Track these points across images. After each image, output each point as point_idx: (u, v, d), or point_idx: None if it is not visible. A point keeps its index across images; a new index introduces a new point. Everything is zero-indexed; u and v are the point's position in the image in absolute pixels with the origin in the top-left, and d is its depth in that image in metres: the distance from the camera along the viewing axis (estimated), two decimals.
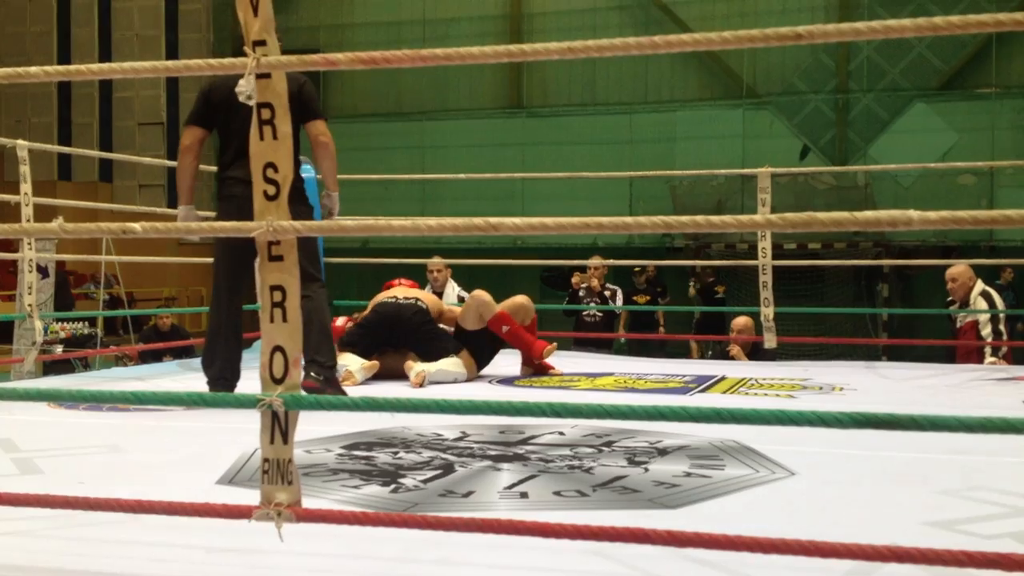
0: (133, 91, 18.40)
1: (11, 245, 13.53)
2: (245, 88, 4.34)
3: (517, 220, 1.88)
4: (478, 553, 2.16)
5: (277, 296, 1.93)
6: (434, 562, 2.16)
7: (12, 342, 10.28)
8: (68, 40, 18.44)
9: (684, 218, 1.75)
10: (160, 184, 18.11)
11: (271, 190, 1.96)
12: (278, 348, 1.92)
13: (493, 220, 1.87)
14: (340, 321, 5.88)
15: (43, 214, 5.60)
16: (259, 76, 1.96)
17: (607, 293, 9.15)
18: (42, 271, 12.56)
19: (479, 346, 5.42)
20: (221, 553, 2.19)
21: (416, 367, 5.12)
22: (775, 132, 15.18)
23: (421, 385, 5.04)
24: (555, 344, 5.50)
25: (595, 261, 9.10)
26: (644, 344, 10.85)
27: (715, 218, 1.75)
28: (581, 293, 9.18)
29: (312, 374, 4.13)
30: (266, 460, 1.91)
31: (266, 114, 1.97)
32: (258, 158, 1.97)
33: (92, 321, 11.94)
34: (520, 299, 5.61)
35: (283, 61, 1.95)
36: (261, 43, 1.95)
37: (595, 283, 8.99)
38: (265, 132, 1.97)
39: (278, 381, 1.91)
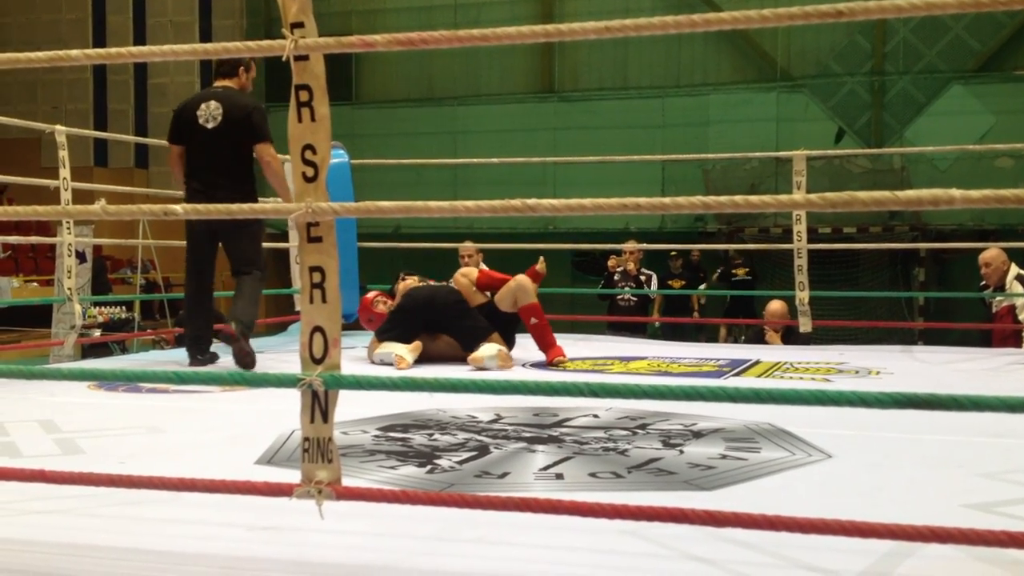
0: (168, 77, 18.52)
1: (49, 230, 13.72)
2: (204, 112, 4.94)
3: (555, 202, 1.88)
4: (514, 533, 2.17)
5: (316, 277, 1.94)
6: (471, 541, 2.17)
7: (51, 326, 10.43)
8: (103, 27, 18.58)
9: (722, 198, 1.74)
10: None
11: (309, 172, 1.97)
12: (318, 328, 1.94)
13: (531, 202, 1.87)
14: (371, 295, 5.95)
15: (80, 199, 5.66)
16: (297, 58, 1.97)
17: (642, 277, 9.12)
18: (79, 256, 12.71)
19: (509, 329, 5.46)
20: (262, 531, 2.22)
21: (486, 352, 5.08)
22: (810, 115, 15.06)
23: (509, 365, 5.06)
24: (568, 359, 5.42)
25: (630, 245, 9.08)
26: (679, 329, 10.83)
27: (753, 198, 1.74)
28: (616, 277, 9.16)
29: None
30: (306, 439, 1.92)
31: (304, 96, 1.98)
32: (296, 140, 1.98)
33: (129, 305, 12.08)
34: (518, 280, 5.49)
35: (321, 43, 1.96)
36: (299, 25, 1.95)
37: (631, 267, 8.97)
38: (303, 114, 1.98)
39: (318, 361, 1.93)
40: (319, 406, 1.91)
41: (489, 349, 5.11)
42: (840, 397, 1.65)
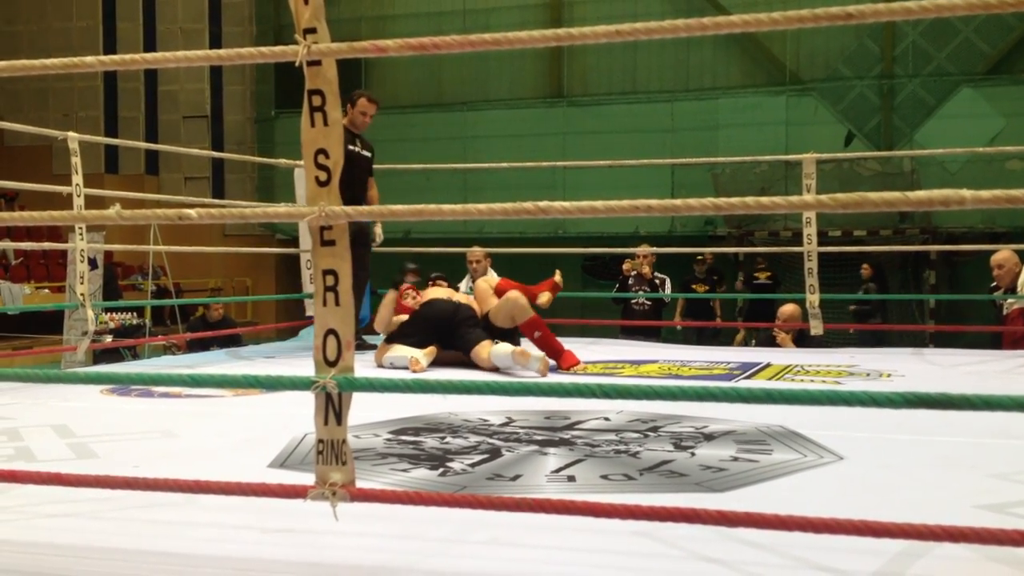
0: (178, 84, 18.59)
1: (61, 236, 13.77)
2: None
3: (567, 204, 1.89)
4: (527, 534, 2.18)
5: (330, 280, 1.96)
6: (484, 543, 2.18)
7: (62, 332, 10.46)
8: (113, 34, 18.67)
9: (734, 200, 1.75)
10: (205, 176, 18.30)
11: (323, 176, 1.98)
12: (331, 331, 1.95)
13: (543, 204, 1.88)
14: (403, 287, 5.95)
15: (90, 206, 5.69)
16: (310, 63, 1.98)
17: (656, 281, 9.08)
18: (91, 263, 12.74)
19: (509, 340, 5.45)
20: (275, 534, 2.23)
21: (536, 353, 5.09)
22: (819, 119, 15.02)
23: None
24: (585, 366, 5.41)
25: (644, 249, 9.04)
26: (699, 333, 10.87)
27: (765, 199, 1.75)
28: (630, 281, 9.11)
29: None
30: (320, 441, 1.93)
31: (317, 101, 1.99)
32: (309, 144, 2.00)
33: (140, 311, 12.12)
34: (509, 297, 5.50)
35: (333, 48, 1.97)
36: (312, 30, 1.97)
37: (646, 270, 8.92)
38: (316, 119, 1.99)
39: (331, 364, 1.94)
40: (333, 408, 1.93)
41: (536, 350, 5.15)
42: (852, 397, 1.66)
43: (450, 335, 5.42)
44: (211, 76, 18.43)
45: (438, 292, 5.78)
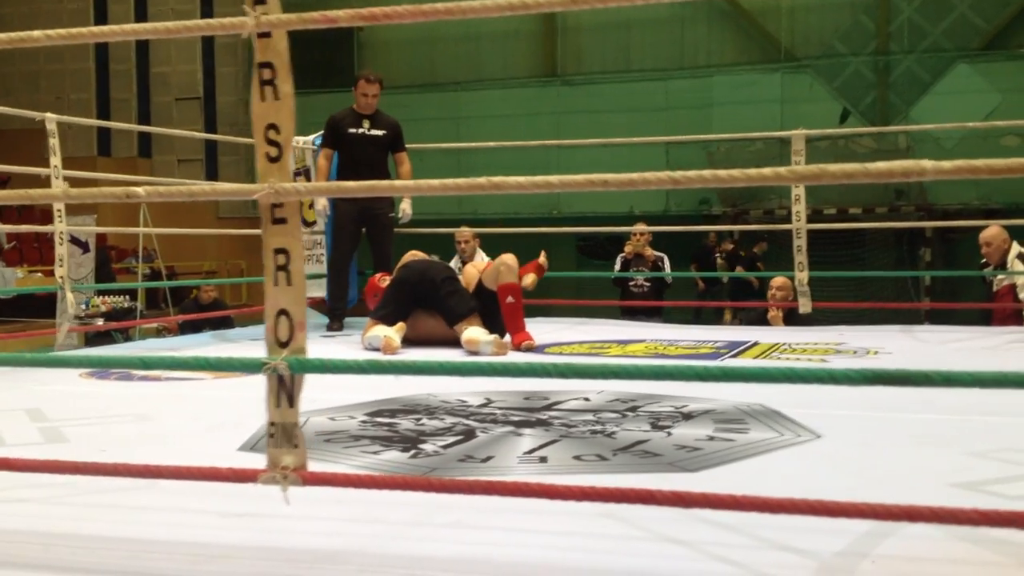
0: (170, 66, 18.49)
1: (51, 219, 13.72)
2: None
3: (564, 178, 1.84)
4: (490, 517, 2.14)
5: (281, 260, 1.91)
6: (446, 526, 2.14)
7: (56, 316, 10.41)
8: (104, 16, 18.55)
9: (735, 172, 1.69)
10: (198, 159, 18.21)
11: (273, 152, 1.93)
12: (283, 312, 1.90)
13: (538, 179, 1.83)
14: (378, 275, 5.93)
15: (84, 189, 5.62)
16: (260, 35, 1.93)
17: (658, 262, 8.90)
18: (83, 246, 12.68)
19: (495, 309, 5.38)
20: (234, 518, 2.19)
21: (483, 337, 5.02)
22: (814, 96, 14.93)
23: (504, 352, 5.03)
24: (535, 343, 5.36)
25: (639, 227, 8.87)
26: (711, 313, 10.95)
27: (767, 170, 1.70)
28: (631, 261, 8.89)
29: None
30: (272, 424, 1.89)
31: (267, 74, 1.94)
32: (259, 119, 1.94)
33: (133, 295, 12.09)
34: (503, 258, 5.49)
35: (283, 19, 1.92)
36: (261, 2, 1.91)
37: (648, 251, 8.72)
38: (267, 93, 1.94)
39: (283, 345, 1.90)
40: (285, 390, 1.88)
41: (485, 334, 5.07)
42: (809, 375, 1.61)
43: (430, 294, 5.34)
44: (203, 57, 18.33)
45: (413, 254, 5.75)
